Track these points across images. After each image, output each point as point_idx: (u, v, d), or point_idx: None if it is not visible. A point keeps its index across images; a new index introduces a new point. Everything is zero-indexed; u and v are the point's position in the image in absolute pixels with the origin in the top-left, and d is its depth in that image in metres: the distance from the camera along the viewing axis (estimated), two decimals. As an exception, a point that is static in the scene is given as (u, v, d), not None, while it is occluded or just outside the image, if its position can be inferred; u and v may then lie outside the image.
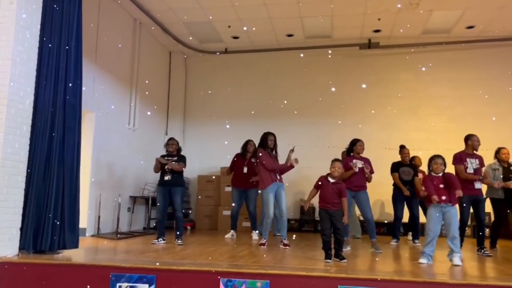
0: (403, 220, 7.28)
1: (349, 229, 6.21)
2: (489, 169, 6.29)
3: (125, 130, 8.35)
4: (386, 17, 8.30)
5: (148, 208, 8.57)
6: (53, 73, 4.90)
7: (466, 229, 7.97)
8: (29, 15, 4.80)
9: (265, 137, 6.41)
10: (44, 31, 4.95)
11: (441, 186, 4.77)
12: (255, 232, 7.23)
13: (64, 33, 5.00)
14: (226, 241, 6.79)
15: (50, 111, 4.84)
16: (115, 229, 7.21)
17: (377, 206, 9.21)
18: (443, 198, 4.73)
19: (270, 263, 4.51)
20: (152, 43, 9.55)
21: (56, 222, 4.70)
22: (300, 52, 9.67)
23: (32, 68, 4.83)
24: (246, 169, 7.35)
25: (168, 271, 4.00)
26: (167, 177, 6.21)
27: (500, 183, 6.06)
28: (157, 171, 6.34)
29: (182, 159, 6.33)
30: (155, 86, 9.69)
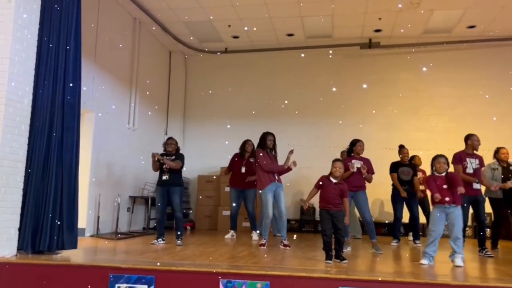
0: (404, 220, 7.25)
1: (349, 230, 6.18)
2: (488, 169, 6.26)
3: (124, 130, 8.32)
4: (387, 17, 8.27)
5: (147, 208, 8.54)
6: (52, 72, 4.87)
7: (467, 229, 7.98)
8: (28, 13, 4.76)
9: (264, 137, 6.37)
10: (43, 30, 4.91)
11: (445, 186, 4.72)
12: (255, 233, 7.21)
13: (63, 32, 4.96)
14: (226, 242, 6.77)
15: (49, 111, 4.80)
16: (115, 229, 7.17)
17: (377, 206, 9.19)
18: (446, 199, 4.68)
19: (270, 264, 4.48)
20: (152, 42, 9.52)
21: (55, 223, 4.67)
22: (300, 51, 9.65)
23: (31, 67, 4.79)
24: (244, 169, 7.35)
25: (168, 272, 3.97)
26: (165, 176, 6.16)
27: (496, 185, 6.03)
28: (155, 169, 6.28)
29: (179, 157, 6.27)
30: (155, 86, 9.66)
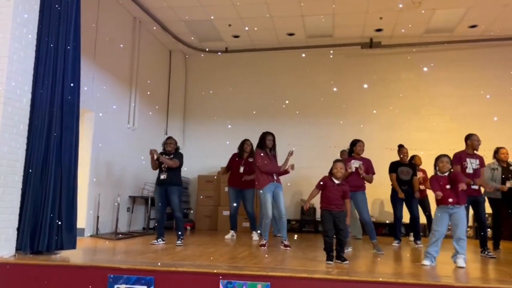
0: (405, 220, 7.22)
1: (350, 230, 6.15)
2: (488, 169, 6.22)
3: (124, 130, 8.28)
4: (388, 16, 8.22)
5: (147, 208, 8.50)
6: (51, 71, 4.83)
7: (468, 230, 7.93)
8: (26, 12, 4.73)
9: (264, 137, 6.34)
10: (42, 28, 4.87)
11: (448, 187, 4.67)
12: (255, 233, 7.18)
13: (62, 31, 4.92)
14: (226, 242, 6.73)
15: (48, 110, 4.77)
16: (114, 230, 7.14)
17: (377, 206, 9.13)
18: (450, 200, 4.63)
19: (271, 265, 4.44)
20: (152, 42, 9.48)
21: (54, 223, 4.63)
22: (301, 51, 9.60)
23: (30, 66, 4.76)
24: (242, 168, 7.33)
25: (167, 273, 3.94)
26: (163, 175, 6.12)
27: (491, 186, 5.99)
28: (154, 167, 6.24)
29: (177, 156, 6.23)
30: (155, 85, 9.62)
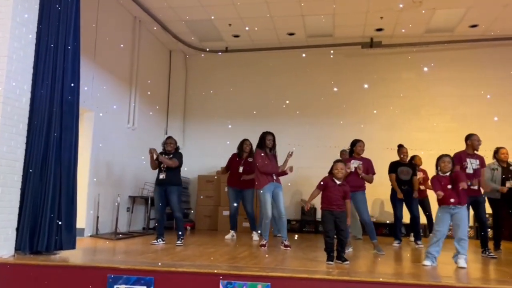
0: (406, 221, 7.20)
1: (350, 230, 6.13)
2: (488, 170, 6.20)
3: (124, 130, 8.26)
4: (389, 16, 8.19)
5: (147, 208, 8.48)
6: (50, 70, 4.80)
7: (468, 230, 7.90)
8: (26, 11, 4.71)
9: (264, 136, 6.31)
10: (41, 28, 4.85)
11: (449, 186, 4.65)
12: (255, 233, 7.16)
13: (62, 30, 4.89)
14: (226, 242, 6.71)
15: (47, 110, 4.74)
16: (114, 230, 7.12)
17: (377, 206, 9.10)
18: (451, 200, 4.61)
19: (271, 265, 4.42)
20: (152, 41, 9.46)
21: (53, 223, 4.61)
22: (301, 51, 9.58)
23: (29, 66, 4.74)
24: (242, 168, 7.30)
25: (167, 273, 3.92)
26: (162, 175, 6.09)
27: (487, 187, 6.01)
28: (153, 167, 6.22)
29: (176, 156, 6.21)
30: (155, 85, 9.60)
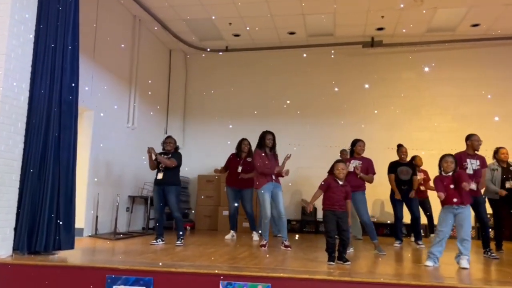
0: (407, 221, 7.16)
1: (350, 230, 6.09)
2: (488, 170, 6.15)
3: (124, 129, 8.21)
4: (390, 15, 8.15)
5: (147, 208, 8.44)
6: (49, 69, 4.76)
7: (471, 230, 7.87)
8: (25, 9, 4.67)
9: (263, 136, 6.28)
10: (40, 26, 4.80)
11: (452, 186, 4.61)
12: (255, 233, 7.13)
13: (60, 28, 4.85)
14: (226, 242, 6.68)
15: (46, 108, 4.70)
16: (113, 230, 7.07)
17: (378, 206, 9.06)
18: (454, 200, 4.57)
19: (271, 265, 4.39)
20: (152, 40, 9.42)
21: (51, 222, 4.57)
22: (302, 50, 9.53)
23: (28, 64, 4.69)
24: (241, 168, 7.26)
25: (166, 273, 3.88)
26: (160, 175, 6.07)
27: (487, 187, 6.07)
28: (152, 167, 6.20)
29: (175, 156, 6.18)
30: (155, 85, 9.55)
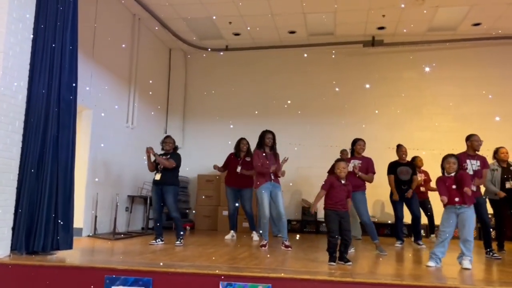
0: (407, 221, 7.12)
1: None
2: (488, 171, 6.11)
3: (123, 128, 8.16)
4: (391, 14, 8.10)
5: (146, 208, 8.39)
6: (47, 67, 4.72)
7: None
8: (23, 6, 4.62)
9: (263, 135, 6.25)
10: (38, 23, 4.76)
11: (454, 187, 4.57)
12: (255, 233, 7.10)
13: (59, 26, 4.81)
14: (226, 242, 6.63)
15: (44, 107, 4.65)
16: (113, 229, 7.03)
17: (379, 206, 9.02)
18: (456, 199, 4.53)
19: (272, 266, 4.34)
20: (151, 39, 9.37)
21: (50, 222, 4.52)
22: (302, 49, 9.49)
23: (26, 62, 4.65)
24: (240, 168, 7.22)
25: (166, 274, 3.83)
26: (158, 175, 6.07)
27: (487, 188, 6.10)
28: (151, 168, 6.20)
29: (173, 156, 6.16)
30: (155, 84, 9.49)
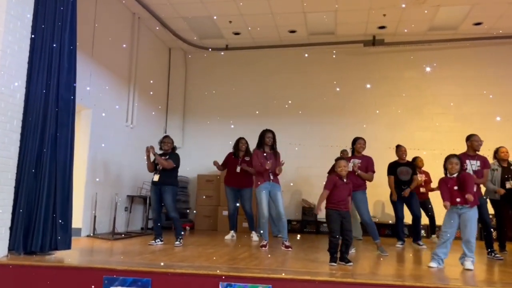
0: (408, 221, 7.08)
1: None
2: (489, 170, 6.08)
3: (122, 128, 8.12)
4: (392, 13, 8.06)
5: (146, 208, 8.36)
6: (46, 66, 4.68)
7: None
8: (21, 4, 4.59)
9: (263, 134, 6.22)
10: (37, 22, 4.73)
11: (455, 188, 4.53)
12: (255, 233, 7.07)
13: (57, 24, 4.77)
14: (226, 242, 6.60)
15: (43, 106, 4.62)
16: (112, 230, 7.00)
17: (379, 207, 8.98)
18: (457, 200, 4.49)
19: (272, 266, 4.30)
20: (151, 39, 9.33)
21: (48, 222, 4.49)
22: (302, 48, 9.46)
23: (24, 60, 4.61)
24: (239, 168, 7.19)
25: (165, 274, 3.80)
26: (157, 175, 6.05)
27: (487, 187, 6.08)
28: (150, 169, 6.18)
29: (172, 157, 6.13)
30: (154, 83, 9.45)
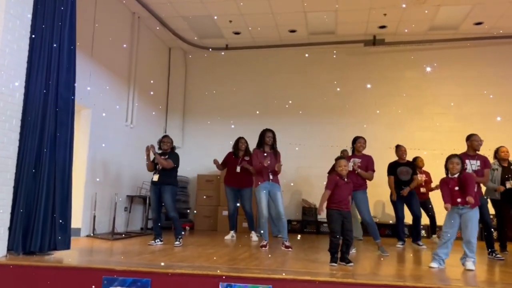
0: (408, 221, 7.06)
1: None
2: (489, 170, 6.07)
3: (122, 128, 8.10)
4: (392, 13, 8.04)
5: (145, 208, 8.33)
6: (45, 65, 4.66)
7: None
8: (20, 3, 4.56)
9: (263, 134, 6.21)
10: (36, 21, 4.71)
11: (456, 188, 4.51)
12: (254, 233, 7.06)
13: (57, 24, 4.76)
14: (226, 243, 6.58)
15: (42, 105, 4.59)
16: (111, 230, 6.97)
17: (380, 207, 8.97)
18: (458, 200, 4.47)
19: (272, 267, 4.28)
20: (151, 38, 9.31)
21: (47, 222, 4.47)
22: (303, 48, 9.44)
23: (23, 60, 4.59)
24: (239, 168, 7.16)
25: (164, 275, 3.77)
26: (156, 175, 6.04)
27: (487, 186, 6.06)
28: (150, 168, 6.16)
29: (172, 157, 6.11)
30: (154, 83, 9.43)
